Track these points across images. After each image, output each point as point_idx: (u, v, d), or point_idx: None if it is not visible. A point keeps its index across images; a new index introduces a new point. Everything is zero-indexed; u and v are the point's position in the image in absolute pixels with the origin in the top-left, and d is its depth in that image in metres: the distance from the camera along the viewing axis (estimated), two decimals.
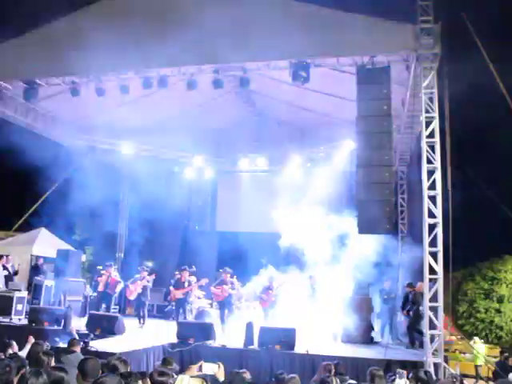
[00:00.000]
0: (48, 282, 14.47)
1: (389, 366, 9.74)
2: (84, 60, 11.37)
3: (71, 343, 7.79)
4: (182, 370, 8.71)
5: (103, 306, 14.28)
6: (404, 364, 9.68)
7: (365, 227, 10.15)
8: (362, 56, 10.37)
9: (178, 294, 13.74)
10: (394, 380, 4.99)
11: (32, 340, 8.47)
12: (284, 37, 10.48)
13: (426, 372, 6.06)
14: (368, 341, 12.42)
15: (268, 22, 10.72)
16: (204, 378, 5.04)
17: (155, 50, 11.14)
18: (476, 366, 12.41)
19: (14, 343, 7.58)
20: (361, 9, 10.34)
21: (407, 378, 5.48)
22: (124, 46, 11.23)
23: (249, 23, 10.81)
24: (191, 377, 4.67)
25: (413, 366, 9.45)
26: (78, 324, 11.60)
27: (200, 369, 5.54)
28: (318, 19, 10.48)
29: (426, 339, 9.59)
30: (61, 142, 16.52)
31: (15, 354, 6.53)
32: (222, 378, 5.42)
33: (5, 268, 14.33)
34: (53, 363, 5.19)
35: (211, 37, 10.80)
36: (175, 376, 4.79)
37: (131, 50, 11.22)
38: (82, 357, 6.71)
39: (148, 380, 4.36)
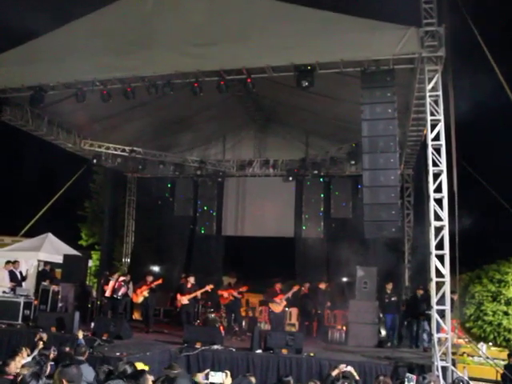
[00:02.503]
0: (55, 287, 14.51)
1: (396, 370, 9.73)
2: (88, 65, 11.45)
3: (78, 350, 7.79)
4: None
5: (110, 311, 14.30)
6: (411, 367, 9.67)
7: (372, 230, 10.15)
8: (366, 59, 10.34)
9: (184, 299, 13.74)
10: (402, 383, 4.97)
11: (40, 345, 8.52)
12: (287, 40, 10.52)
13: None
14: (375, 344, 12.40)
15: (271, 26, 10.75)
16: None
17: (158, 54, 11.20)
18: None
19: (24, 349, 7.60)
20: (364, 12, 10.34)
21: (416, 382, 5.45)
22: (127, 51, 11.31)
23: (251, 27, 10.84)
24: None
25: (420, 369, 9.45)
26: (85, 329, 11.60)
27: (206, 377, 5.51)
28: (321, 22, 10.47)
29: (434, 342, 9.54)
30: (67, 147, 16.56)
31: None
32: None
33: (13, 273, 14.37)
34: None
35: (214, 41, 10.85)
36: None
37: (134, 55, 11.28)
38: (89, 368, 6.73)
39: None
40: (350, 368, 7.38)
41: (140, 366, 6.71)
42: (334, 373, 7.12)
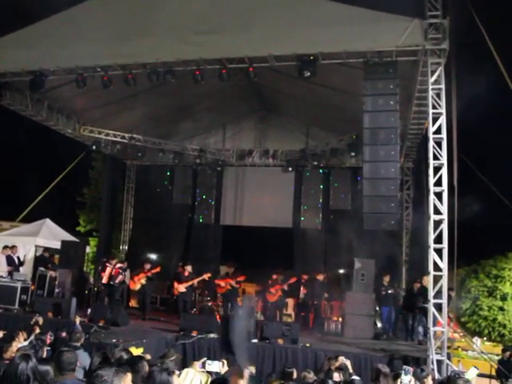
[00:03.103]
0: (52, 272, 14.51)
1: (391, 362, 9.76)
2: (89, 51, 11.37)
3: (73, 337, 7.80)
4: (184, 363, 8.75)
5: (106, 297, 14.32)
6: (407, 360, 9.70)
7: (371, 222, 10.15)
8: (369, 50, 10.28)
9: (181, 287, 13.75)
10: (397, 376, 4.98)
11: (37, 330, 8.52)
12: (290, 30, 10.45)
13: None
14: (371, 336, 12.43)
15: (274, 15, 10.68)
16: (210, 373, 5.03)
17: (160, 41, 11.13)
18: None
19: (20, 334, 7.61)
20: (368, 3, 10.25)
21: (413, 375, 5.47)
22: (129, 38, 11.23)
23: (254, 16, 10.77)
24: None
25: (416, 362, 9.47)
26: (82, 315, 11.61)
27: (203, 365, 5.51)
28: (325, 13, 10.42)
29: (430, 336, 9.56)
30: (67, 133, 16.50)
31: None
32: None
33: (11, 258, 14.36)
34: None
35: (216, 29, 10.77)
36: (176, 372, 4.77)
37: (136, 41, 11.21)
38: (85, 354, 6.74)
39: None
40: (347, 362, 7.39)
41: (133, 350, 6.71)
42: (334, 366, 7.11)
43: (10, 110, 14.22)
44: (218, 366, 5.19)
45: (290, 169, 17.87)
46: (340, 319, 13.68)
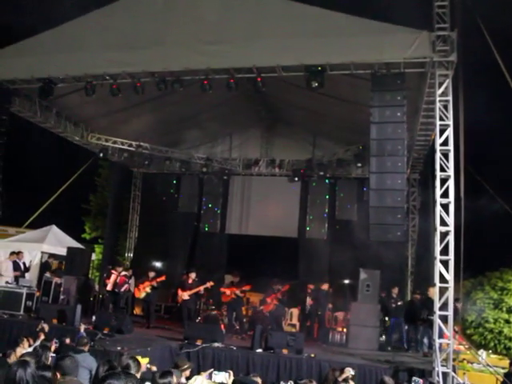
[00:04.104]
0: (57, 279, 14.54)
1: (396, 374, 9.71)
2: (98, 59, 11.50)
3: (80, 342, 7.83)
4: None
5: (111, 305, 14.32)
6: (412, 372, 9.64)
7: (377, 233, 10.14)
8: (377, 62, 10.32)
9: (185, 295, 13.73)
10: None
11: (42, 337, 8.54)
12: (299, 40, 10.51)
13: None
14: (376, 347, 12.37)
15: (282, 25, 10.74)
16: None
17: (169, 50, 11.21)
18: None
19: (25, 340, 7.63)
20: (377, 15, 10.31)
21: None
22: (138, 46, 11.32)
23: (262, 26, 10.83)
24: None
25: (421, 374, 9.42)
26: (86, 322, 11.63)
27: (210, 376, 5.50)
28: (333, 24, 10.47)
29: (436, 348, 9.51)
30: (74, 140, 16.59)
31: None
32: None
33: (17, 264, 14.40)
34: None
35: (225, 39, 10.84)
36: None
37: (145, 50, 11.30)
38: (91, 358, 6.76)
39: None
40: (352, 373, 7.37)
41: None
42: (341, 378, 7.08)
43: (18, 116, 14.32)
44: (225, 377, 5.17)
45: (296, 178, 17.87)
46: (345, 330, 13.63)
